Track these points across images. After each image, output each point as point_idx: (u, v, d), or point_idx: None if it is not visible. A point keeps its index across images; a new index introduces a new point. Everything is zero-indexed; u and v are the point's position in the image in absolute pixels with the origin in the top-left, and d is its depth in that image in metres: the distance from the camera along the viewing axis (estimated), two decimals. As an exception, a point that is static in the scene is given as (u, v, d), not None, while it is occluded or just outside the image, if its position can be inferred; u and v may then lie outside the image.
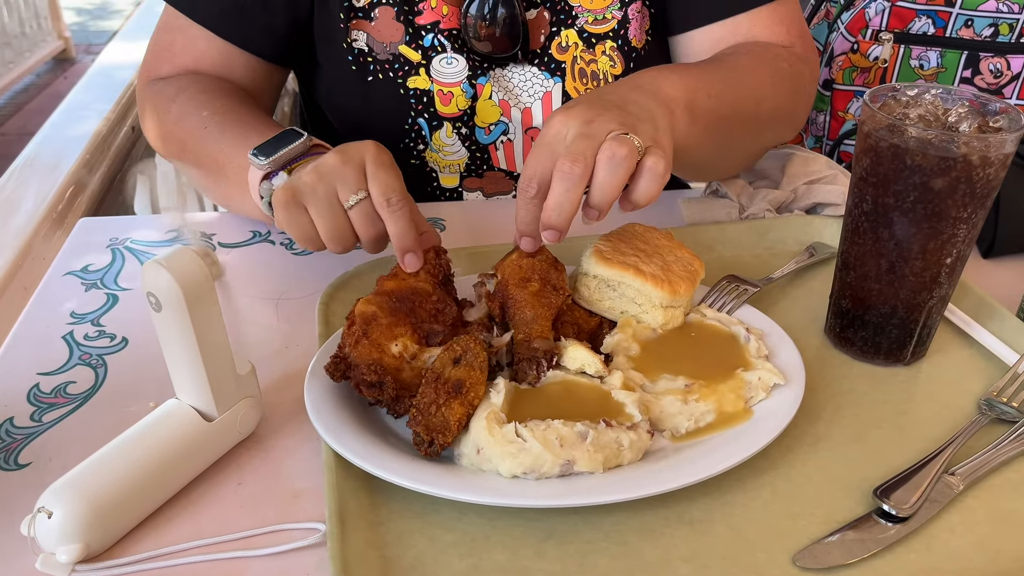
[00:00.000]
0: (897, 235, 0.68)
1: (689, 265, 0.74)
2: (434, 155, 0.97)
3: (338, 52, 0.93)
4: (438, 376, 0.62)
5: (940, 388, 0.72)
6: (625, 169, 0.63)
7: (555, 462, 0.58)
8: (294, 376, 0.71)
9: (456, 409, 0.61)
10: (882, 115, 0.66)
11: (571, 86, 0.95)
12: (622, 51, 0.95)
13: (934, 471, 0.61)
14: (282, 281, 0.85)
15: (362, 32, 0.92)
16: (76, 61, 5.00)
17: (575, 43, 0.94)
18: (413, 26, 0.92)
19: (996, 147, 0.63)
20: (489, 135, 0.96)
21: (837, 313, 0.76)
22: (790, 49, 0.93)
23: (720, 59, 0.88)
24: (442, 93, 0.93)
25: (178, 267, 0.55)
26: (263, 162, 0.76)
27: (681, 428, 0.64)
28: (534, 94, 0.95)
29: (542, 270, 0.69)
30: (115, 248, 0.90)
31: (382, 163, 0.70)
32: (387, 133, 0.96)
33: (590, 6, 0.94)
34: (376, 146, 0.72)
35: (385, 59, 0.92)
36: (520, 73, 0.95)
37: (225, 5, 0.91)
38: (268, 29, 0.93)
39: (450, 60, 0.93)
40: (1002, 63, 1.13)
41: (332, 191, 0.70)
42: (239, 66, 0.94)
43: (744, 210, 0.94)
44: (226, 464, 0.63)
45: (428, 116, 0.94)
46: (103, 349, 0.75)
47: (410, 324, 0.66)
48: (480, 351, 0.62)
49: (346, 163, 0.70)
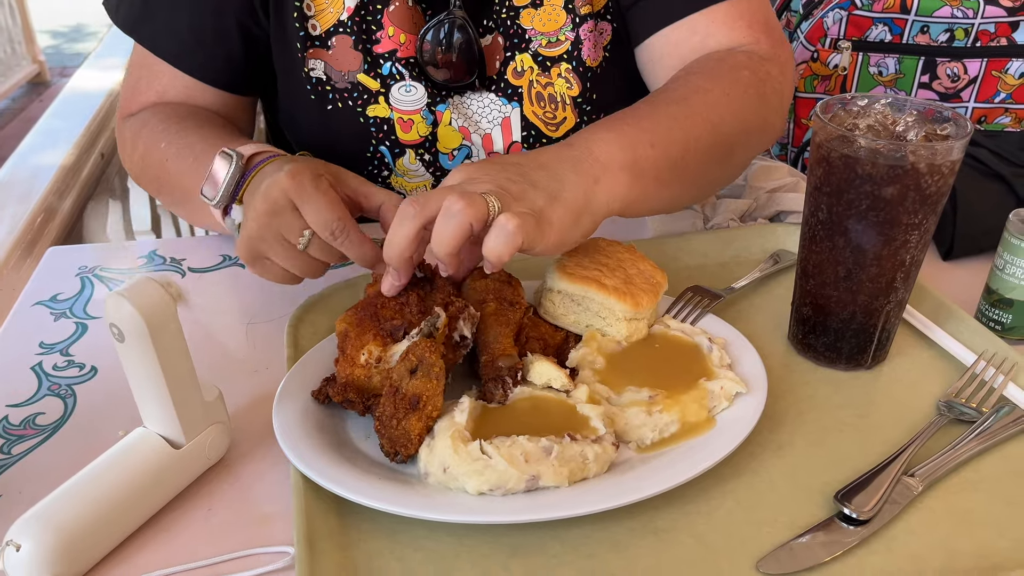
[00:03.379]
0: (852, 242, 0.70)
1: (652, 278, 0.75)
2: (400, 179, 0.98)
3: (297, 81, 0.94)
4: (396, 389, 0.62)
5: (901, 390, 0.74)
6: (457, 222, 0.60)
7: (520, 478, 0.59)
8: (264, 400, 0.71)
9: (415, 424, 0.62)
10: (832, 126, 0.68)
11: (529, 110, 0.96)
12: (577, 72, 0.95)
13: (893, 473, 0.63)
14: (252, 305, 0.86)
15: (319, 61, 0.93)
16: (51, 84, 4.98)
17: (530, 67, 0.95)
18: (371, 55, 0.92)
19: (943, 155, 0.65)
20: (453, 160, 0.97)
21: (799, 320, 0.77)
22: (752, 49, 0.89)
23: (666, 92, 0.84)
24: (402, 121, 0.94)
25: (140, 297, 0.55)
26: (212, 203, 0.77)
27: (646, 439, 0.65)
28: (493, 120, 0.96)
29: (496, 289, 0.70)
30: (84, 276, 0.90)
31: (306, 196, 0.69)
32: (350, 160, 0.96)
33: (543, 29, 0.94)
34: (291, 177, 0.69)
35: (344, 87, 0.93)
36: (478, 100, 0.95)
37: (184, 39, 0.92)
38: (227, 61, 0.93)
39: (409, 88, 0.93)
40: (959, 67, 1.15)
41: (281, 238, 0.70)
42: (203, 97, 0.94)
43: (708, 220, 0.95)
44: (195, 491, 0.63)
45: (390, 144, 0.95)
46: (72, 379, 0.75)
47: (374, 329, 0.67)
48: (436, 360, 0.63)
49: (276, 211, 0.69)
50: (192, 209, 0.89)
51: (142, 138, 0.91)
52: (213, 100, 0.95)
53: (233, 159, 0.76)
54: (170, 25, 0.92)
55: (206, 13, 0.91)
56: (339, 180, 0.74)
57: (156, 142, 0.88)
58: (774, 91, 0.88)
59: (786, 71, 0.91)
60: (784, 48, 0.92)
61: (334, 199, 0.70)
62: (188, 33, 0.92)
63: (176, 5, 0.92)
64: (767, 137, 0.90)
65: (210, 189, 0.77)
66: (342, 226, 0.69)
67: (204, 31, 0.92)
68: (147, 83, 0.95)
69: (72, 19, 6.02)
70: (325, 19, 0.92)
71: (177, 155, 0.86)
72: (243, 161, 0.76)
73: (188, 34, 0.92)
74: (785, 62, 0.91)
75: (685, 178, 0.79)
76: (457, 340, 0.66)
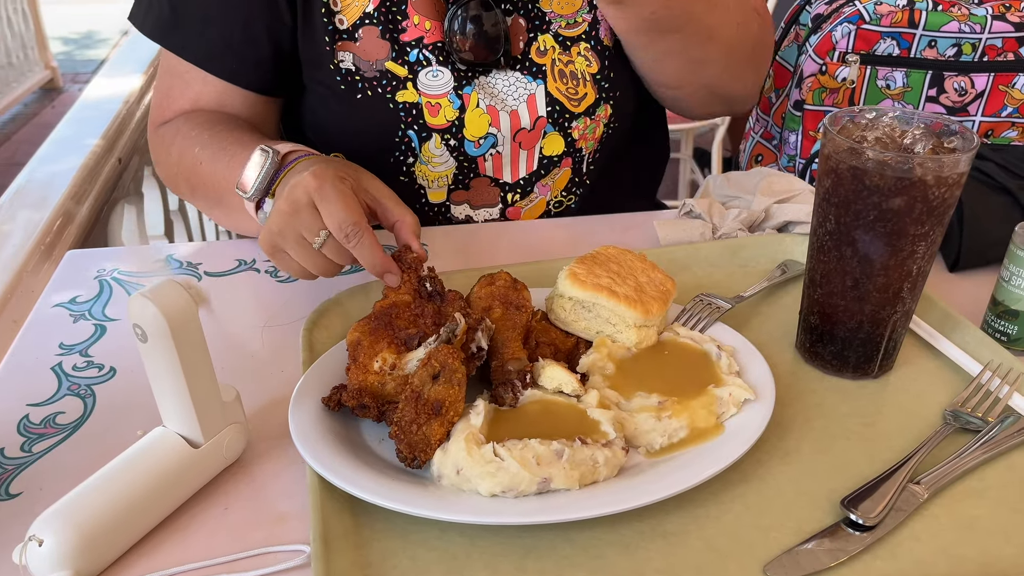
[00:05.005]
0: (860, 253, 0.71)
1: (661, 285, 0.76)
2: (423, 168, 1.00)
3: (325, 74, 0.96)
4: (418, 395, 0.63)
5: (907, 399, 0.75)
6: None
7: (532, 480, 0.60)
8: (279, 401, 0.73)
9: (436, 429, 0.63)
10: (841, 138, 0.69)
11: (552, 87, 0.99)
12: (595, 50, 1.00)
13: (899, 481, 0.64)
14: (267, 308, 0.87)
15: (348, 53, 0.95)
16: (63, 90, 5.03)
17: (552, 47, 0.99)
18: (398, 43, 0.95)
19: (950, 167, 0.66)
20: (479, 148, 1.00)
21: (806, 329, 0.78)
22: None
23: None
24: (430, 105, 0.96)
25: (163, 299, 0.57)
26: (247, 196, 0.80)
27: (655, 444, 0.66)
28: (519, 97, 0.99)
29: (501, 294, 0.72)
30: (102, 279, 0.91)
31: (326, 197, 0.72)
32: (377, 148, 0.99)
33: (561, 11, 0.99)
34: (315, 178, 0.73)
35: (372, 76, 0.96)
36: (504, 79, 0.99)
37: (213, 43, 0.94)
38: (256, 62, 0.96)
39: (436, 73, 0.96)
40: (966, 81, 1.16)
41: (299, 235, 0.73)
42: (234, 101, 0.97)
43: (717, 230, 0.97)
44: (213, 489, 0.65)
45: (417, 128, 0.97)
46: (91, 379, 0.77)
47: (388, 337, 0.68)
48: (458, 366, 0.64)
49: (297, 210, 0.73)
50: (227, 211, 0.92)
51: (176, 145, 0.94)
52: (244, 104, 0.98)
53: (270, 155, 0.79)
54: (201, 33, 0.94)
55: (236, 21, 0.94)
56: (362, 187, 0.77)
57: (191, 147, 0.91)
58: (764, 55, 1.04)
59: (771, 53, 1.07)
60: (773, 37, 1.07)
61: (352, 202, 0.73)
62: (218, 39, 0.94)
63: (206, 14, 0.94)
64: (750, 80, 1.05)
65: (246, 183, 0.80)
66: (356, 229, 0.72)
67: (234, 38, 0.94)
68: (180, 91, 0.97)
69: (84, 26, 6.08)
70: (351, 13, 0.94)
71: (212, 158, 0.89)
72: (279, 157, 0.80)
73: (218, 40, 0.94)
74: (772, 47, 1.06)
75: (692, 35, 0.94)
76: (474, 351, 0.67)
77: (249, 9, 0.93)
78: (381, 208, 0.79)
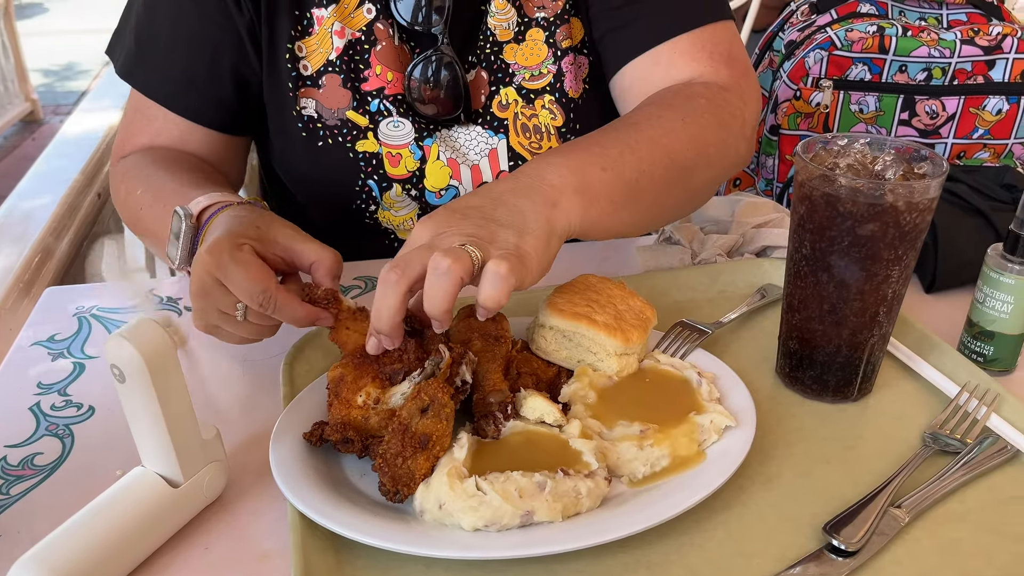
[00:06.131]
0: (835, 278, 0.72)
1: (641, 313, 0.76)
2: (387, 214, 1.00)
3: (288, 119, 0.96)
4: (405, 428, 0.63)
5: (887, 422, 0.75)
6: (450, 279, 0.61)
7: (515, 513, 0.60)
8: (261, 437, 0.72)
9: (422, 463, 0.62)
10: (813, 165, 0.70)
11: (515, 141, 0.98)
12: (560, 103, 0.98)
13: (881, 505, 0.64)
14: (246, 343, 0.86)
15: (311, 100, 0.95)
16: (44, 122, 5.01)
17: (515, 100, 0.98)
18: (359, 92, 0.95)
19: (920, 192, 0.67)
20: (440, 199, 0.99)
21: (785, 353, 0.79)
22: (711, 79, 0.91)
23: (620, 120, 0.85)
24: (391, 155, 0.96)
25: (141, 339, 0.56)
26: (174, 267, 0.79)
27: (638, 473, 0.66)
28: (480, 151, 0.98)
29: (480, 327, 0.72)
30: (81, 316, 0.91)
31: (227, 274, 0.69)
32: (339, 195, 0.99)
33: (525, 63, 0.98)
34: (211, 255, 0.69)
35: (334, 124, 0.96)
36: (465, 133, 0.98)
37: (177, 83, 0.95)
38: (219, 102, 0.96)
39: (396, 123, 0.96)
40: (937, 105, 1.18)
41: (220, 313, 0.71)
42: (195, 139, 0.97)
43: (696, 255, 0.97)
44: (193, 529, 0.64)
45: (378, 178, 0.97)
46: (69, 419, 0.76)
47: (372, 372, 0.68)
48: (447, 401, 0.64)
49: (206, 291, 0.70)
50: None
51: (125, 183, 0.93)
52: (205, 141, 0.97)
53: (183, 220, 0.77)
54: (164, 70, 0.95)
55: (200, 59, 0.94)
56: (268, 240, 0.73)
57: (135, 188, 0.90)
58: (733, 117, 0.89)
59: (747, 99, 0.92)
60: (747, 79, 0.94)
61: (255, 269, 0.69)
62: (181, 77, 0.94)
63: (170, 52, 0.94)
64: (729, 162, 0.90)
65: (170, 254, 0.78)
66: (267, 296, 0.69)
67: (197, 75, 0.94)
68: (140, 126, 0.97)
69: (64, 58, 6.07)
70: (316, 59, 0.95)
71: (151, 204, 0.87)
72: (192, 220, 0.77)
73: (181, 78, 0.94)
74: (746, 91, 0.92)
75: (642, 201, 0.80)
76: (458, 384, 0.67)
77: (214, 47, 0.93)
78: (295, 254, 0.74)
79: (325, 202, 1.03)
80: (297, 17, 0.94)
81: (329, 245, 0.74)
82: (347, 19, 0.94)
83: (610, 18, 0.96)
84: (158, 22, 0.94)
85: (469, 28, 0.97)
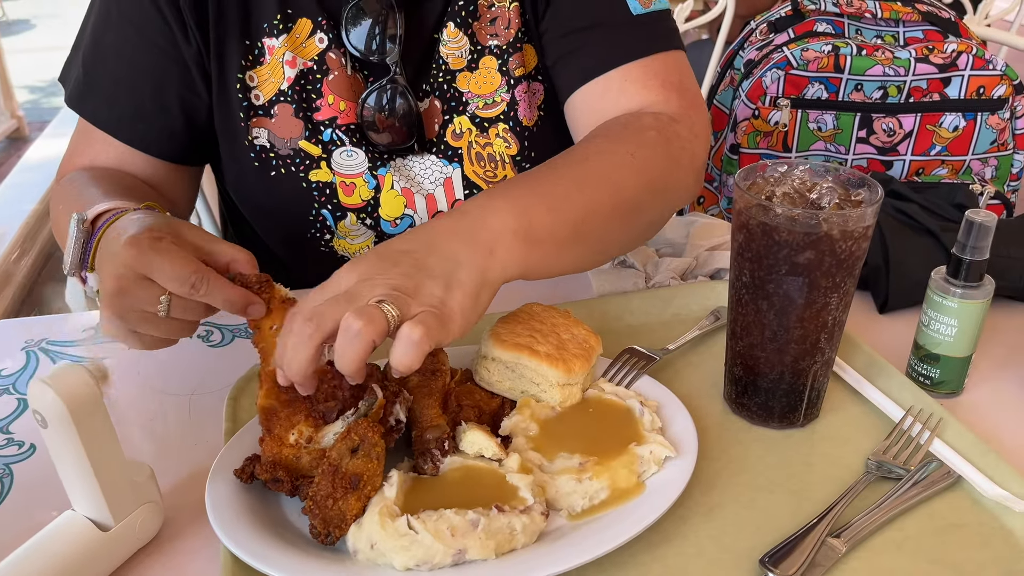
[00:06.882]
0: (775, 305, 0.72)
1: (585, 342, 0.76)
2: (342, 242, 1.00)
3: (240, 148, 0.96)
4: (336, 468, 0.63)
5: (832, 448, 0.75)
6: (361, 342, 0.58)
7: (447, 552, 0.59)
8: (200, 474, 0.71)
9: (353, 504, 0.62)
10: (750, 195, 0.70)
11: (469, 170, 0.98)
12: (514, 131, 0.98)
13: (819, 535, 0.64)
14: (196, 374, 0.86)
15: (263, 129, 0.95)
16: (30, 139, 4.99)
17: (468, 128, 0.97)
18: (312, 122, 0.95)
19: (855, 221, 0.67)
20: (396, 227, 0.99)
21: (731, 380, 0.79)
22: (661, 110, 0.90)
23: (567, 155, 0.82)
24: (344, 184, 0.96)
25: (63, 385, 0.56)
26: (66, 272, 0.76)
27: (576, 507, 0.66)
28: (435, 181, 0.98)
29: None
30: (29, 350, 0.90)
31: (151, 264, 0.66)
32: (293, 224, 0.98)
33: (479, 91, 0.97)
34: (131, 247, 0.67)
35: (287, 154, 0.95)
36: (420, 162, 0.98)
37: (123, 112, 0.94)
38: (167, 132, 0.95)
39: (350, 153, 0.96)
40: (894, 122, 1.18)
41: (140, 311, 0.69)
42: (135, 165, 0.95)
43: (650, 279, 0.97)
44: (127, 572, 0.63)
45: (332, 207, 0.97)
46: (10, 458, 0.75)
47: (306, 410, 0.67)
48: (378, 440, 0.64)
49: (125, 289, 0.67)
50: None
51: (55, 201, 0.92)
52: (146, 167, 0.96)
53: (77, 223, 0.73)
54: (110, 100, 0.94)
55: (146, 89, 0.93)
56: (180, 238, 0.70)
57: (56, 203, 0.89)
58: (682, 150, 0.87)
59: (697, 131, 0.90)
60: (697, 110, 0.92)
61: (180, 255, 0.67)
62: (128, 105, 0.94)
63: (117, 81, 0.94)
64: (677, 196, 0.89)
65: (65, 255, 0.75)
66: (200, 276, 0.66)
67: (144, 105, 0.93)
68: (82, 148, 0.96)
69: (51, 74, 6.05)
70: (267, 89, 0.94)
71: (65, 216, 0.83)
72: (86, 224, 0.74)
73: (128, 106, 0.94)
74: (696, 123, 0.91)
75: (588, 240, 0.78)
76: (392, 424, 0.67)
77: (159, 77, 0.93)
78: (208, 254, 0.71)
79: (280, 230, 1.02)
80: (248, 47, 0.94)
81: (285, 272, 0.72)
82: (299, 48, 0.94)
83: (562, 44, 0.96)
84: (104, 52, 0.94)
85: (421, 57, 0.97)
